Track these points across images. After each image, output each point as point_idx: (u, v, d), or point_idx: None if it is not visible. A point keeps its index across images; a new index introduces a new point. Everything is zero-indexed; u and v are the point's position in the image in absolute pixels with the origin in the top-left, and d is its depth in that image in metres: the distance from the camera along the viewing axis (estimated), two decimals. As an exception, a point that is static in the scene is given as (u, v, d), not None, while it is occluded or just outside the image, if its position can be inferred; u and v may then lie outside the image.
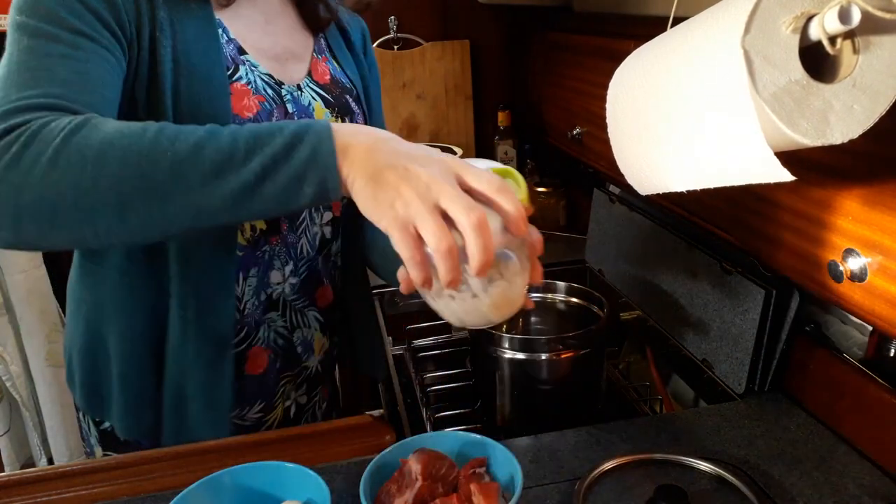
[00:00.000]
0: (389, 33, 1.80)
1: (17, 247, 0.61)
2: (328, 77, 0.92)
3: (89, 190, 0.56)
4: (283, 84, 0.85)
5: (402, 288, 0.64)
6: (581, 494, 0.74)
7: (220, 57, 0.78)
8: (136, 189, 0.56)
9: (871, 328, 0.80)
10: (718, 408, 0.91)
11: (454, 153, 1.53)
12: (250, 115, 0.80)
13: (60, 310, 1.69)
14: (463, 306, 0.62)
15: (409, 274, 0.57)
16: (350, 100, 0.93)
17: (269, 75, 0.84)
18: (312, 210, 0.90)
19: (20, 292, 1.58)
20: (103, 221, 0.57)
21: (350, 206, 0.91)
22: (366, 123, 0.95)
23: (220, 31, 0.79)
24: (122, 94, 0.71)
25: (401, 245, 0.54)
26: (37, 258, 1.60)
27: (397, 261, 0.58)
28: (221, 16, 0.80)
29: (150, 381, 0.85)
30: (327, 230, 0.93)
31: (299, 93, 0.87)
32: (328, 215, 0.93)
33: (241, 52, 0.81)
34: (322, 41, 0.94)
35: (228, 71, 0.79)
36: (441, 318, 0.65)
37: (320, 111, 0.88)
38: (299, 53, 0.90)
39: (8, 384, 1.61)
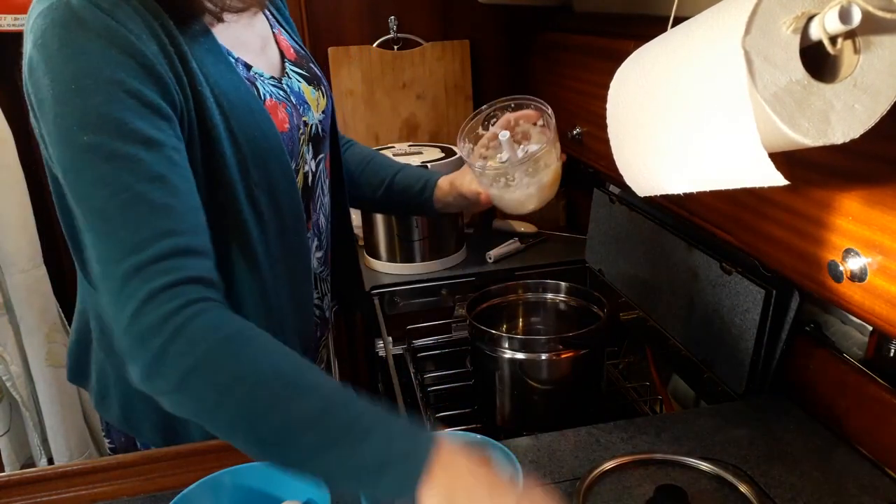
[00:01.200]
0: (389, 33, 1.80)
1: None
2: (292, 51, 0.91)
3: (211, 409, 0.60)
4: (281, 79, 0.85)
5: (482, 198, 0.99)
6: (581, 494, 0.74)
7: (246, 85, 0.77)
8: (246, 431, 0.60)
9: (871, 328, 0.80)
10: (718, 408, 0.91)
11: (454, 153, 1.53)
12: (287, 125, 0.81)
13: (60, 310, 1.69)
14: (522, 191, 0.93)
15: None
16: (312, 66, 0.94)
17: (272, 77, 0.84)
18: (322, 182, 0.93)
19: (20, 292, 1.57)
20: (210, 425, 0.61)
21: (334, 150, 0.97)
22: (327, 85, 0.96)
23: (229, 58, 0.77)
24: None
25: None
26: (37, 258, 1.60)
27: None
28: (217, 36, 0.77)
29: None
30: (328, 199, 0.97)
31: (290, 80, 0.87)
32: (327, 182, 0.97)
33: (248, 67, 0.80)
34: (266, 12, 0.91)
35: (255, 94, 0.78)
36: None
37: (307, 90, 0.89)
38: (266, 35, 0.88)
39: (8, 384, 1.61)
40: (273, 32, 0.89)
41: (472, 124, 1.00)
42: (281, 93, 0.83)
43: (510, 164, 0.92)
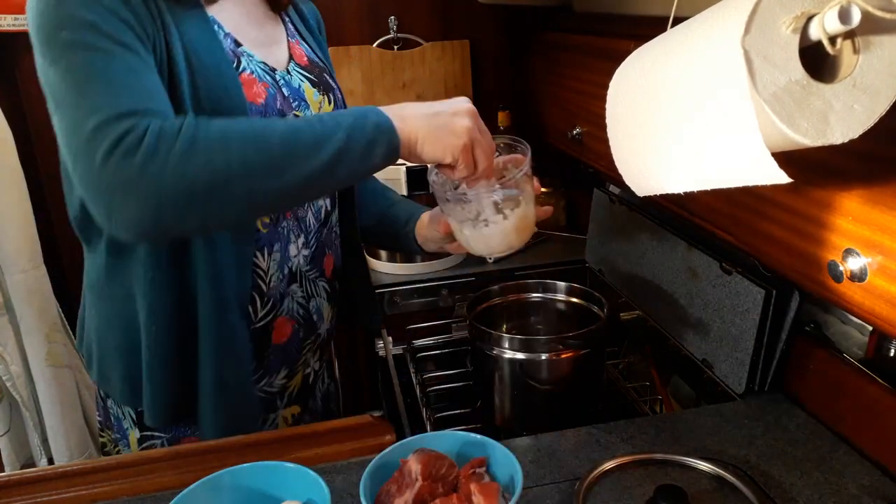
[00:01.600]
0: (389, 33, 1.80)
1: (151, 235, 0.71)
2: (306, 59, 0.97)
3: (221, 171, 0.68)
4: (276, 70, 0.90)
5: (441, 229, 0.98)
6: (581, 494, 0.74)
7: (224, 52, 0.82)
8: (259, 165, 0.69)
9: (871, 328, 0.80)
10: (718, 408, 0.91)
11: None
12: (261, 101, 0.85)
13: (60, 310, 1.69)
14: (493, 231, 0.89)
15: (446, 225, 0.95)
16: (327, 77, 0.99)
17: (264, 62, 0.88)
18: None
19: (20, 292, 1.57)
20: (232, 200, 0.70)
21: None
22: (340, 97, 1.01)
23: (215, 27, 0.83)
24: None
25: (463, 162, 0.80)
26: (37, 258, 1.60)
27: (390, 223, 1.08)
28: (210, 11, 0.84)
29: (181, 367, 0.87)
30: (328, 202, 0.99)
31: (289, 76, 0.92)
32: None
33: (237, 44, 0.85)
34: (290, 25, 0.99)
35: (234, 64, 0.83)
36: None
37: (309, 91, 0.94)
38: (278, 38, 0.95)
39: (8, 384, 1.61)
40: (289, 41, 0.96)
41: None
42: (268, 77, 0.88)
43: (485, 198, 0.87)
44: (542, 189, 1.75)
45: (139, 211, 0.67)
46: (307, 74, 0.95)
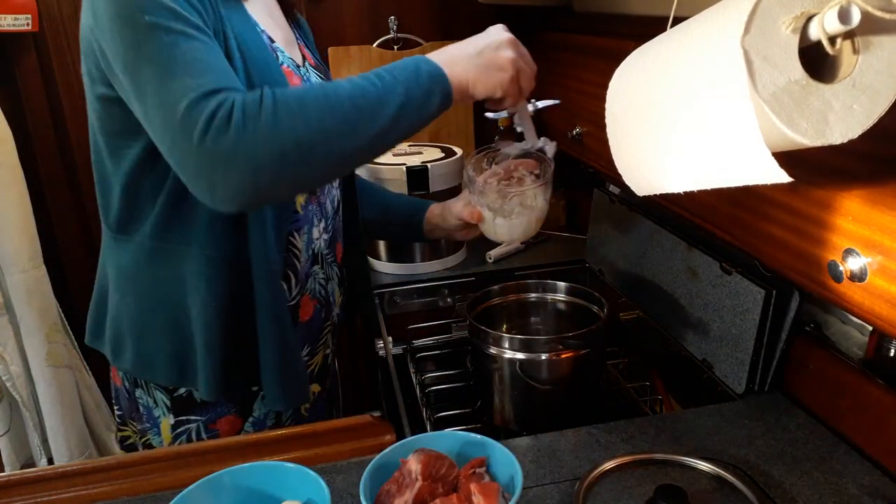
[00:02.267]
0: (389, 33, 1.80)
1: (252, 203, 0.75)
2: (311, 60, 1.03)
3: (305, 135, 0.73)
4: (300, 67, 0.96)
5: (467, 215, 1.09)
6: (581, 494, 0.74)
7: (266, 46, 0.87)
8: (336, 127, 0.74)
9: (871, 328, 0.80)
10: (718, 408, 0.91)
11: (454, 153, 1.53)
12: None
13: (60, 310, 1.69)
14: (519, 221, 1.05)
15: (473, 211, 1.08)
16: (329, 78, 1.04)
17: (291, 59, 0.94)
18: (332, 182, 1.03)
19: (20, 292, 1.57)
20: (317, 162, 0.75)
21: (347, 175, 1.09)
22: None
23: (256, 24, 0.88)
24: None
25: (511, 93, 0.88)
26: (37, 258, 1.60)
27: (396, 215, 1.21)
28: (246, 7, 0.88)
29: (237, 341, 0.91)
30: (339, 192, 1.06)
31: (308, 74, 0.97)
32: (337, 180, 1.06)
33: (271, 40, 0.91)
34: (295, 31, 1.04)
35: (273, 55, 0.88)
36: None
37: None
38: (293, 39, 1.01)
39: (8, 384, 1.61)
40: (298, 43, 1.02)
41: (479, 157, 1.10)
42: (298, 71, 0.94)
43: (507, 193, 1.04)
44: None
45: (239, 182, 0.71)
46: (318, 74, 1.01)
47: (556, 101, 1.08)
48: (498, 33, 0.87)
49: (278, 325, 0.91)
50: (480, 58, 0.84)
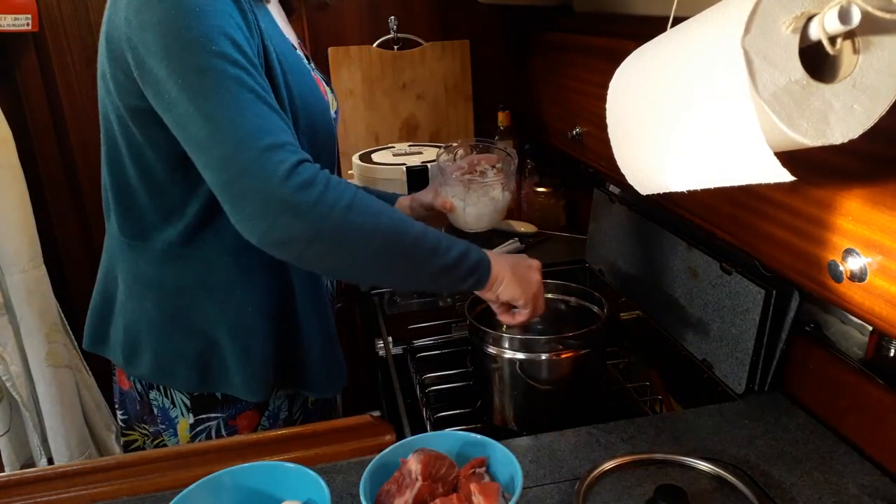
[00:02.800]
0: (389, 33, 1.80)
1: (284, 251, 0.77)
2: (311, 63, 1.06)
3: (362, 252, 0.78)
4: (312, 70, 0.98)
5: (440, 205, 1.16)
6: (581, 494, 0.74)
7: (298, 55, 0.90)
8: (389, 260, 0.80)
9: (871, 328, 0.80)
10: (718, 408, 0.91)
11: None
12: (325, 97, 0.95)
13: (60, 310, 1.69)
14: (486, 210, 1.18)
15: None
16: (328, 77, 1.09)
17: (307, 62, 0.97)
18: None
19: (20, 292, 1.57)
20: (355, 270, 0.82)
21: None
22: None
23: (283, 33, 0.90)
24: None
25: (532, 306, 0.96)
26: (37, 258, 1.60)
27: None
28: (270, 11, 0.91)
29: (278, 340, 0.94)
30: None
31: (314, 73, 0.98)
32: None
33: (293, 48, 0.92)
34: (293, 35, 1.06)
35: (306, 64, 0.91)
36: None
37: (323, 88, 1.00)
38: (296, 41, 1.01)
39: (8, 384, 1.61)
40: (299, 41, 1.03)
41: (450, 151, 1.22)
42: (320, 75, 0.98)
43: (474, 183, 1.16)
44: (543, 189, 1.75)
45: (287, 233, 0.74)
46: (320, 74, 1.02)
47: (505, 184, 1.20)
48: (533, 261, 0.98)
49: (320, 315, 0.96)
50: (517, 268, 0.94)
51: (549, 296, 1.18)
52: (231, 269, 0.89)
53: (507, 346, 0.99)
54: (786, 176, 0.51)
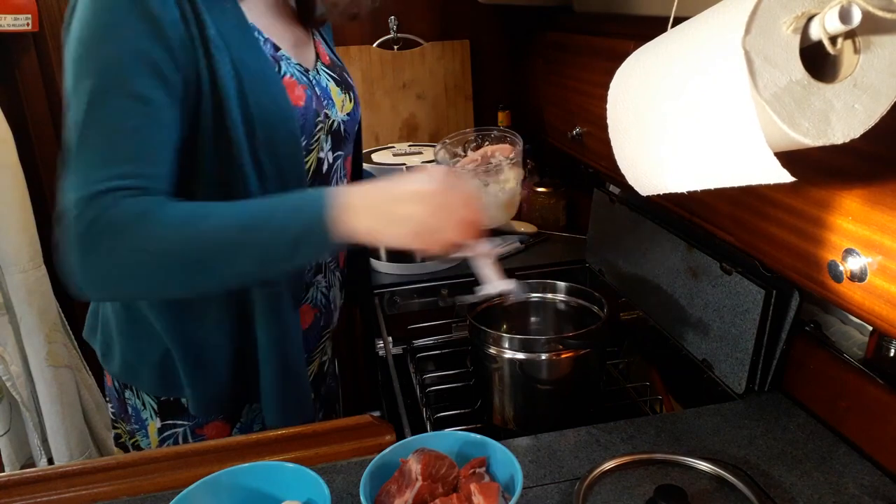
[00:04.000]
0: (389, 33, 1.80)
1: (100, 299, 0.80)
2: (328, 58, 1.01)
3: (152, 275, 0.73)
4: (309, 70, 0.93)
5: None
6: (581, 494, 0.74)
7: (268, 60, 0.85)
8: (190, 274, 0.73)
9: (871, 328, 0.80)
10: (718, 408, 0.91)
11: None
12: (302, 103, 0.88)
13: (60, 310, 1.69)
14: (490, 202, 1.03)
15: None
16: (346, 76, 1.02)
17: (299, 64, 0.91)
18: (339, 177, 1.00)
19: (20, 292, 1.57)
20: (169, 292, 0.80)
21: (357, 155, 1.08)
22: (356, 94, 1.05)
23: (255, 33, 0.85)
24: (186, 118, 0.78)
25: (421, 248, 0.76)
26: (37, 258, 1.60)
27: None
28: (248, 15, 0.85)
29: (234, 360, 0.91)
30: None
31: (318, 76, 0.94)
32: (345, 181, 1.03)
33: (276, 48, 0.88)
34: (312, 28, 1.01)
35: (276, 69, 0.86)
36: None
37: (334, 90, 0.97)
38: (306, 39, 0.97)
39: (8, 384, 1.61)
40: (314, 40, 1.00)
41: (454, 141, 1.12)
42: (304, 78, 0.90)
43: (480, 173, 1.04)
44: (543, 189, 1.75)
45: (86, 285, 0.74)
46: (331, 73, 0.98)
47: (512, 288, 0.86)
48: (420, 181, 0.75)
49: (281, 341, 0.89)
50: (384, 207, 0.74)
51: (550, 296, 1.18)
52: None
53: (507, 346, 0.99)
54: (786, 176, 0.51)
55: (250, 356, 0.90)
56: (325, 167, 0.95)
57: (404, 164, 1.44)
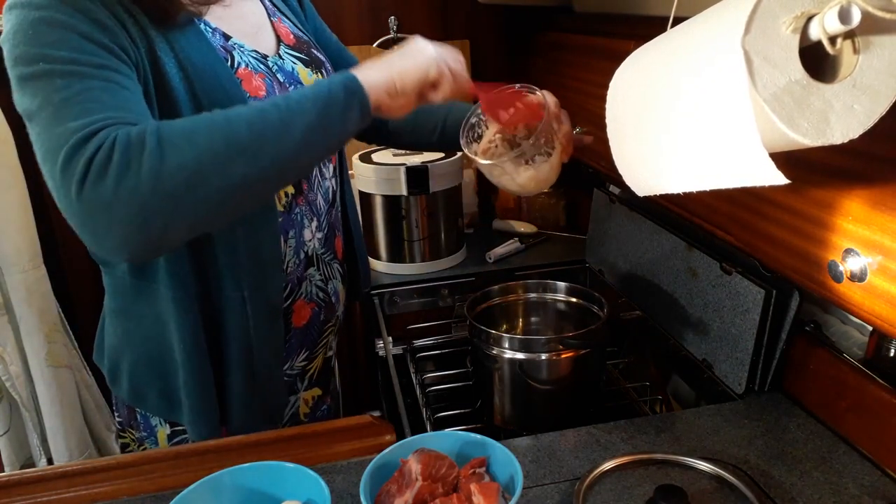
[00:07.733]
0: (389, 33, 1.80)
1: (144, 252, 0.68)
2: (292, 37, 0.96)
3: (193, 168, 0.64)
4: (268, 56, 0.89)
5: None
6: (581, 494, 0.74)
7: (216, 53, 0.81)
8: (230, 154, 0.66)
9: (871, 328, 0.80)
10: (718, 408, 0.91)
11: (454, 153, 1.53)
12: (262, 93, 0.85)
13: (60, 310, 1.69)
14: (535, 171, 0.94)
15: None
16: (315, 52, 0.98)
17: (255, 51, 0.87)
18: (322, 165, 0.98)
19: (20, 292, 1.57)
20: (211, 195, 0.66)
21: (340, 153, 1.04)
22: (330, 67, 1.01)
23: (202, 25, 0.82)
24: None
25: (445, 73, 0.82)
26: (37, 258, 1.60)
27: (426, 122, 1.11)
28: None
29: (215, 377, 0.89)
30: (333, 181, 1.01)
31: (282, 61, 0.91)
32: (331, 167, 1.00)
33: (226, 37, 0.85)
34: (267, 2, 0.97)
35: (227, 62, 0.82)
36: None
37: (303, 72, 0.93)
38: (261, 22, 0.93)
39: (8, 384, 1.61)
40: (272, 20, 0.94)
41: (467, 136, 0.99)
42: (262, 66, 0.87)
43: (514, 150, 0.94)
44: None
45: (124, 231, 0.64)
46: (297, 55, 0.94)
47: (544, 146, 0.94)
48: (415, 39, 0.84)
49: (252, 350, 0.88)
50: (397, 56, 0.81)
51: (549, 296, 1.18)
52: (167, 302, 0.85)
53: (507, 346, 1.00)
54: (781, 179, 0.51)
55: (220, 368, 0.89)
56: None
57: (404, 163, 1.44)
